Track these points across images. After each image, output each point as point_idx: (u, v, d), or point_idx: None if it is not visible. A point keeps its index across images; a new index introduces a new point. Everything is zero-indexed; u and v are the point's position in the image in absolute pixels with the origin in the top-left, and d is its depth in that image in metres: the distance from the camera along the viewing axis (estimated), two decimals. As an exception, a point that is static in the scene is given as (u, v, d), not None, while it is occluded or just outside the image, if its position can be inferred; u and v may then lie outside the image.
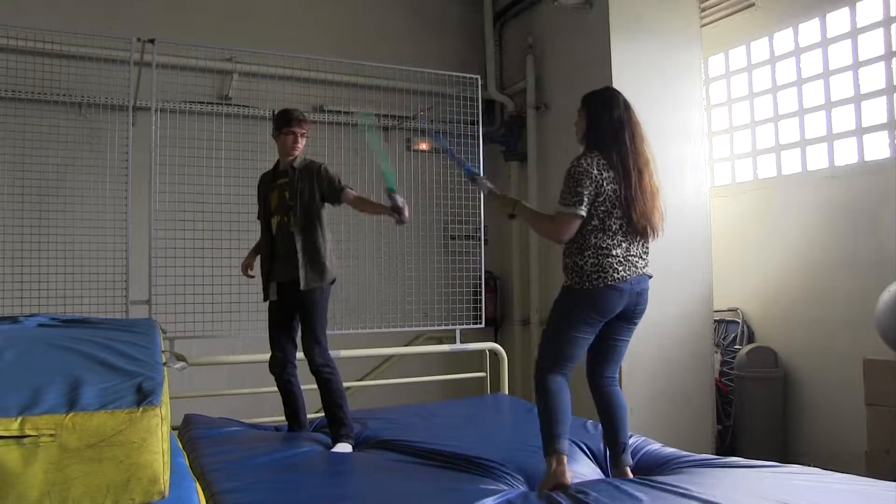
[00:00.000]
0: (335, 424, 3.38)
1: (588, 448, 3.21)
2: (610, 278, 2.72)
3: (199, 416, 3.82)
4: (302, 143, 3.51)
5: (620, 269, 2.74)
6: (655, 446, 3.26)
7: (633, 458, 3.02)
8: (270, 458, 3.02)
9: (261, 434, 3.71)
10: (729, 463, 2.94)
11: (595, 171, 2.73)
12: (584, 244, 2.75)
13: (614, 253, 2.75)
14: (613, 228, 2.76)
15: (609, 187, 2.74)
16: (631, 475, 2.85)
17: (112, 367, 1.83)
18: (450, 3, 6.73)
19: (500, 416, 4.21)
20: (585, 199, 2.71)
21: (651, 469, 2.98)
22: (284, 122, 3.50)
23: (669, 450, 3.19)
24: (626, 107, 2.90)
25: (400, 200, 3.31)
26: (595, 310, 2.75)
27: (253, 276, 3.73)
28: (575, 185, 2.73)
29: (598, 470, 3.06)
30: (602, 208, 2.74)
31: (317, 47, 5.56)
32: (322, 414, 3.56)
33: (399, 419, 3.84)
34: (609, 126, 2.83)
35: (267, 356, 3.62)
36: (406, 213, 3.31)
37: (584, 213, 2.72)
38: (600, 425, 3.05)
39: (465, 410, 4.12)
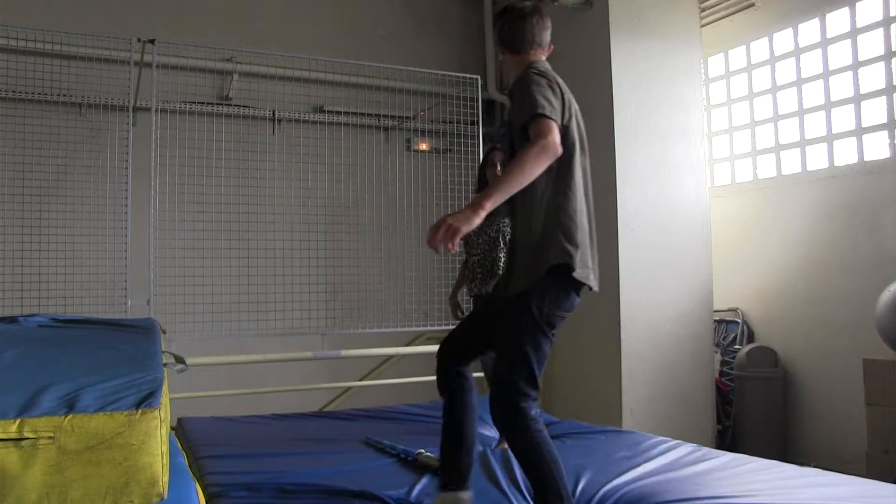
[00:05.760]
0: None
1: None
2: None
3: (193, 419, 3.84)
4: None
5: None
6: None
7: None
8: (271, 457, 3.03)
9: (259, 429, 3.72)
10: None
11: None
12: None
13: None
14: None
15: None
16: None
17: (112, 368, 1.82)
18: (450, 3, 6.73)
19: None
20: None
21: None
22: None
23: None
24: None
25: None
26: None
27: None
28: None
29: None
30: None
31: (317, 47, 5.56)
32: None
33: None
34: None
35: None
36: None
37: None
38: None
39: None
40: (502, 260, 3.65)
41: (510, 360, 2.33)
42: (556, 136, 2.15)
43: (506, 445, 3.15)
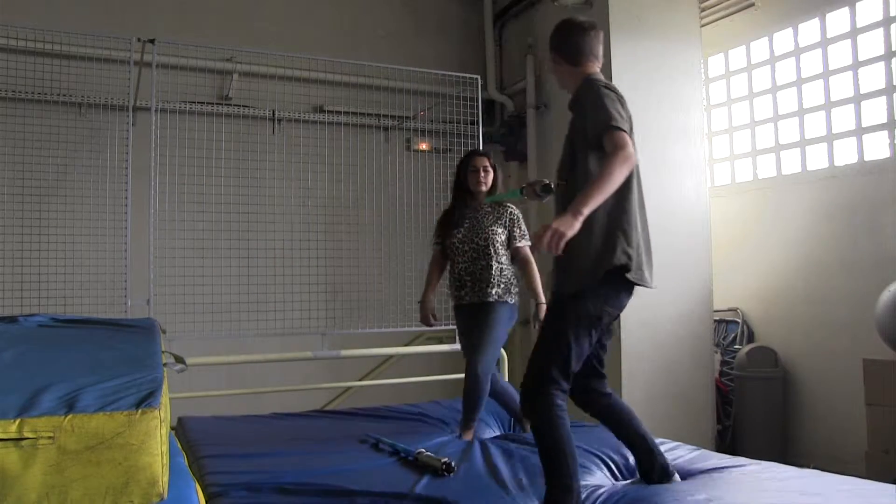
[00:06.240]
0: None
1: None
2: None
3: (193, 418, 3.83)
4: None
5: None
6: None
7: None
8: (271, 456, 3.03)
9: (259, 428, 3.72)
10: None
11: None
12: None
13: None
14: None
15: None
16: None
17: (112, 368, 1.82)
18: (450, 3, 6.73)
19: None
20: None
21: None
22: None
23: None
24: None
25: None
26: None
27: None
28: None
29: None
30: None
31: (317, 47, 5.56)
32: None
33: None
34: None
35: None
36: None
37: None
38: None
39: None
40: (493, 268, 3.61)
41: (548, 346, 2.47)
42: (631, 147, 2.34)
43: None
